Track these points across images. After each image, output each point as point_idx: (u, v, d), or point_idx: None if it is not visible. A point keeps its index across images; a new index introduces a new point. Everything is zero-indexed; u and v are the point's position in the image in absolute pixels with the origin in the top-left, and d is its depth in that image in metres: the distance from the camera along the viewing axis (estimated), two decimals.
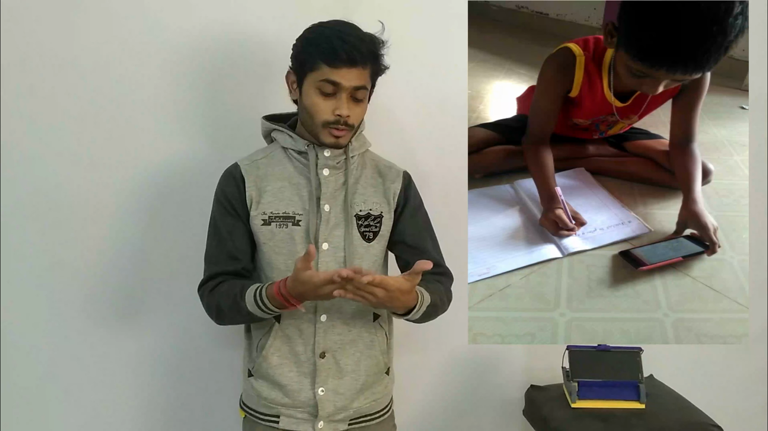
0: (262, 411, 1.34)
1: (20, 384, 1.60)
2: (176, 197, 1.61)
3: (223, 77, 1.60)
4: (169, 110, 1.58)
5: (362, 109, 1.28)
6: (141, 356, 1.65)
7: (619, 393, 1.56)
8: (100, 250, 1.59)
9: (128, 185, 1.58)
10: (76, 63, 1.52)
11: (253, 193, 1.30)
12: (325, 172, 1.31)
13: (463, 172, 1.76)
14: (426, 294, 1.28)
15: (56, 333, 1.60)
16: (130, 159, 1.58)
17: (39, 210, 1.55)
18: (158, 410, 1.69)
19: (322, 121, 1.25)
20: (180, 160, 1.60)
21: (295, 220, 1.29)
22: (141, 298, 1.63)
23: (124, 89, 1.55)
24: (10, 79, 1.50)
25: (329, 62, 1.21)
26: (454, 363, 1.84)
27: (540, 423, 1.60)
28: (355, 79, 1.22)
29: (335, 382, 1.31)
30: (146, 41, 1.55)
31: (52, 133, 1.54)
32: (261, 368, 1.32)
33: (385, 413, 1.41)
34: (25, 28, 1.49)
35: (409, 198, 1.39)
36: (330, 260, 1.30)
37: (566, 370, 1.59)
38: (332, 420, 1.32)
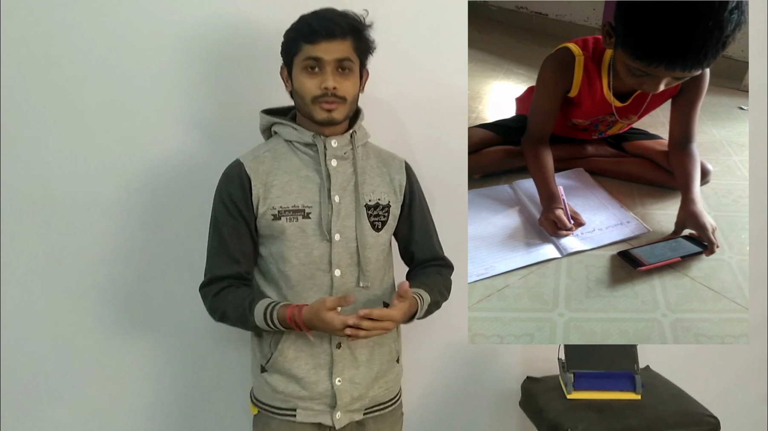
0: (277, 406, 1.35)
1: (22, 385, 1.59)
2: (179, 193, 1.61)
3: (223, 72, 1.60)
4: (167, 105, 1.58)
5: (351, 82, 1.28)
6: (145, 355, 1.66)
7: (615, 384, 1.57)
8: (103, 248, 1.59)
9: (129, 182, 1.58)
10: (73, 59, 1.52)
11: (260, 191, 1.30)
12: (333, 162, 1.32)
13: (463, 173, 1.77)
14: (424, 294, 1.33)
15: (60, 334, 1.60)
16: (130, 155, 1.58)
17: (37, 207, 1.55)
18: (164, 409, 1.69)
19: (311, 97, 1.26)
20: (179, 155, 1.60)
21: (305, 213, 1.30)
22: (144, 296, 1.63)
23: (122, 85, 1.55)
24: (6, 77, 1.49)
25: (308, 39, 1.24)
26: (451, 355, 1.85)
27: (536, 414, 1.61)
28: (336, 52, 1.24)
29: (351, 372, 1.33)
30: (144, 36, 1.55)
31: (49, 131, 1.53)
32: (276, 362, 1.33)
33: (395, 401, 1.44)
34: (22, 25, 1.49)
35: (414, 191, 1.43)
36: (342, 251, 1.32)
37: (562, 362, 1.60)
38: (349, 410, 1.34)
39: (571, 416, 1.49)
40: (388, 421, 1.42)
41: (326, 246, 1.30)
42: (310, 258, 1.30)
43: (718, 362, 2.03)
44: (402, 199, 1.40)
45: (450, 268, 1.48)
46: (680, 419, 1.49)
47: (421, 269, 1.45)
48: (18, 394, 1.59)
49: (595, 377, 1.57)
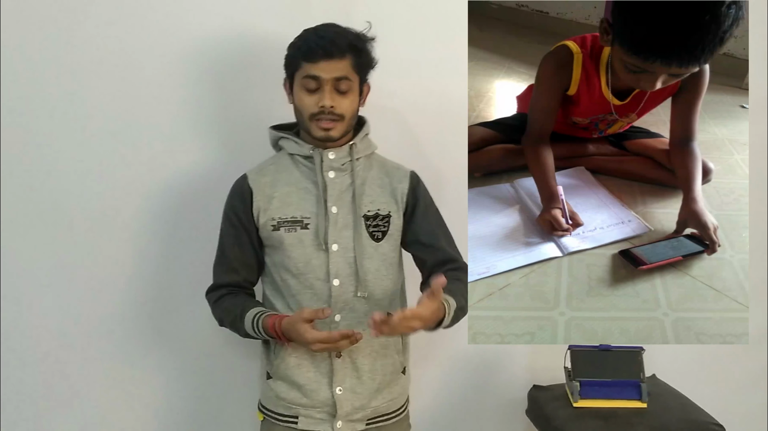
0: (280, 412, 1.36)
1: (30, 391, 1.60)
2: (192, 203, 1.62)
3: (237, 83, 1.61)
4: (181, 116, 1.60)
5: (350, 100, 1.29)
6: (156, 361, 1.66)
7: (621, 393, 1.56)
8: (114, 256, 1.60)
9: (142, 191, 1.60)
10: (86, 69, 1.53)
11: (261, 203, 1.33)
12: (330, 174, 1.33)
13: (464, 171, 1.76)
14: (450, 299, 1.29)
15: (70, 341, 1.60)
16: (142, 165, 1.59)
17: (47, 216, 1.56)
18: (175, 414, 1.69)
19: (309, 114, 1.28)
20: (197, 166, 1.61)
21: (303, 224, 1.32)
22: (156, 303, 1.64)
23: (134, 95, 1.57)
24: (14, 86, 1.50)
25: (308, 58, 1.26)
26: (457, 363, 1.84)
27: (542, 422, 1.61)
28: (334, 71, 1.26)
29: (352, 382, 1.33)
30: (157, 46, 1.56)
31: (60, 141, 1.55)
32: (279, 369, 1.34)
33: (401, 412, 1.43)
34: (28, 33, 1.50)
35: (419, 198, 1.41)
36: (340, 260, 1.32)
37: (568, 370, 1.60)
38: (350, 420, 1.33)
39: (578, 424, 1.50)
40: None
41: (324, 256, 1.31)
42: (308, 268, 1.31)
43: (719, 365, 2.02)
44: (405, 208, 1.38)
45: (465, 271, 1.43)
46: (686, 427, 1.49)
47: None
48: (25, 401, 1.60)
49: (601, 385, 1.57)
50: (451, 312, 1.28)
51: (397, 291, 1.41)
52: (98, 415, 1.64)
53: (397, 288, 1.41)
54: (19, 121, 1.52)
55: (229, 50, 1.60)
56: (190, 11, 1.57)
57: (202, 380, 1.70)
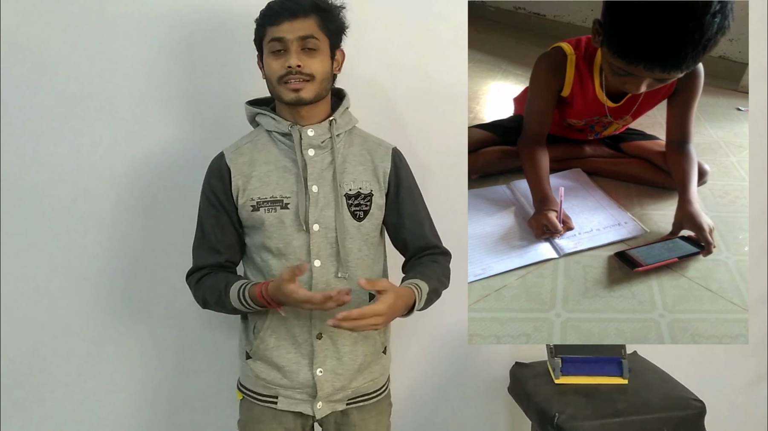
0: (260, 392, 1.36)
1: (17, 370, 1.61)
2: (170, 185, 1.62)
3: (213, 62, 1.59)
4: (154, 97, 1.58)
5: (319, 60, 1.26)
6: (138, 342, 1.67)
7: (602, 369, 1.58)
8: (94, 238, 1.61)
9: (120, 174, 1.60)
10: (54, 44, 1.52)
11: (239, 182, 1.31)
12: (310, 152, 1.31)
13: (464, 172, 1.76)
14: (422, 283, 1.29)
15: (53, 323, 1.62)
16: (122, 147, 1.58)
17: (29, 200, 1.56)
18: (156, 395, 1.71)
19: (277, 78, 1.26)
20: (171, 146, 1.60)
21: (284, 203, 1.29)
22: (137, 285, 1.65)
23: (104, 71, 1.55)
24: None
25: (272, 22, 1.24)
26: (441, 341, 1.85)
27: (524, 399, 1.62)
28: (298, 30, 1.24)
29: (333, 363, 1.32)
30: (128, 19, 1.54)
31: (34, 126, 1.54)
32: (258, 350, 1.33)
33: (382, 392, 1.43)
34: (5, 19, 1.48)
35: (402, 178, 1.39)
36: (322, 240, 1.30)
37: (550, 347, 1.61)
38: (331, 401, 1.33)
39: (559, 400, 1.51)
40: (373, 411, 1.40)
41: (305, 236, 1.29)
42: (289, 249, 1.29)
43: (716, 366, 2.02)
44: (387, 187, 1.36)
45: (447, 255, 1.43)
46: (666, 403, 1.50)
47: (417, 259, 1.41)
48: (14, 379, 1.61)
49: (582, 362, 1.58)
50: (423, 296, 1.29)
51: (378, 270, 1.40)
52: (78, 398, 1.66)
53: (379, 267, 1.40)
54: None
55: (202, 22, 1.58)
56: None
57: (181, 359, 1.70)
